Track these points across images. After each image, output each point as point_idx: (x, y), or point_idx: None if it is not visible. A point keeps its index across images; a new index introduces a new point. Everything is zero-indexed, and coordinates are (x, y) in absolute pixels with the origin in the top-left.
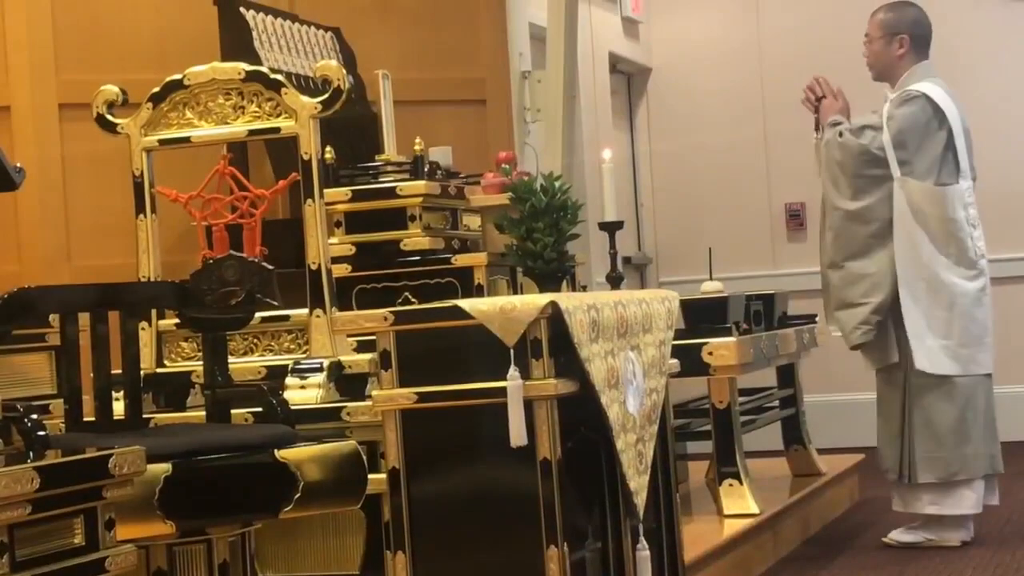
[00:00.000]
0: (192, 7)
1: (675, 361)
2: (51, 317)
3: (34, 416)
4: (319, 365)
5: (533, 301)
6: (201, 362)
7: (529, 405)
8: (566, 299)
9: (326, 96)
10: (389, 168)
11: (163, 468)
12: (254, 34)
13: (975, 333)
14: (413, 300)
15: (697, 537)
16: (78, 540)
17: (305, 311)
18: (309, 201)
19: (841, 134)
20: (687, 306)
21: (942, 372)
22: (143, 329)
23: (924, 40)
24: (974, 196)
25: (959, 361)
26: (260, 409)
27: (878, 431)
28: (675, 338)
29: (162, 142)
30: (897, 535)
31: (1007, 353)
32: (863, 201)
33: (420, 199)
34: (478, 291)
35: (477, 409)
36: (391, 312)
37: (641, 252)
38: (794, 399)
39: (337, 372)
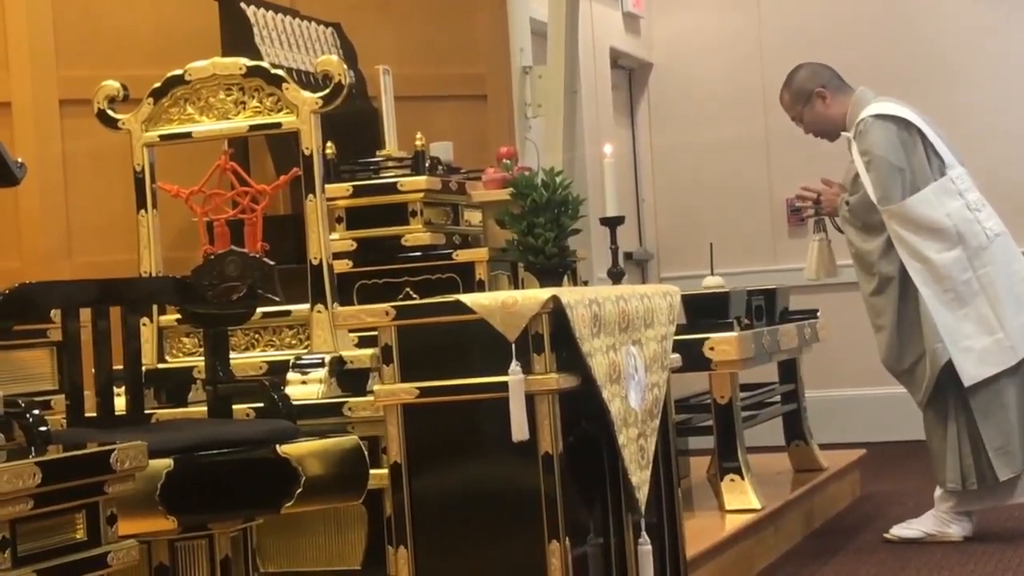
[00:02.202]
0: (193, 2)
1: (676, 356)
2: (52, 313)
3: (36, 412)
4: (320, 360)
5: (535, 296)
6: (202, 357)
7: (531, 400)
8: (568, 294)
9: (327, 91)
10: (390, 164)
11: (165, 463)
12: (255, 29)
13: (1016, 309)
14: (414, 296)
15: (699, 532)
16: (80, 535)
17: (306, 306)
18: (310, 196)
19: (848, 203)
20: (688, 301)
21: (994, 371)
22: (144, 325)
23: (835, 78)
24: (969, 180)
25: (1008, 353)
26: (261, 404)
27: (930, 445)
28: (676, 333)
29: (163, 137)
30: (898, 530)
31: None
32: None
33: (421, 195)
34: (479, 286)
35: (479, 404)
36: (392, 307)
37: (642, 247)
38: (796, 394)
39: (338, 367)
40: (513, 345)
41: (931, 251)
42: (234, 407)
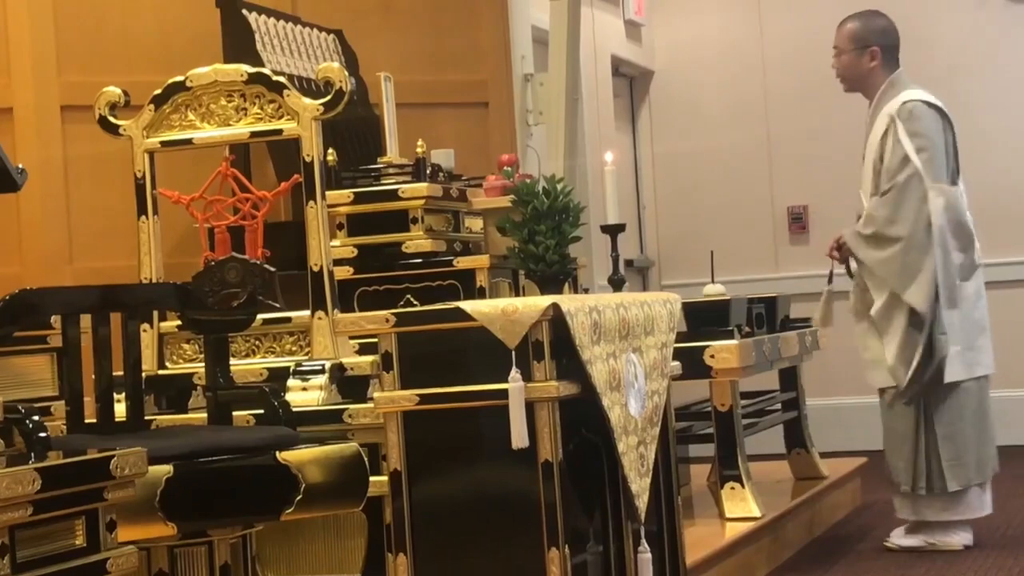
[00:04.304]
0: (194, 9)
1: (677, 364)
2: (53, 319)
3: (35, 418)
4: (321, 367)
5: (535, 303)
6: (203, 364)
7: (530, 407)
8: (568, 301)
9: (328, 98)
10: (391, 170)
11: (164, 470)
12: (256, 36)
13: (976, 333)
14: (415, 302)
15: (699, 540)
16: (79, 541)
17: (307, 313)
18: (311, 203)
19: (858, 218)
20: (689, 309)
21: (955, 379)
22: (145, 331)
23: (894, 50)
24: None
25: (968, 365)
26: (262, 411)
27: (887, 445)
28: (677, 341)
29: (164, 144)
30: (899, 539)
31: (1004, 357)
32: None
33: (422, 201)
34: (480, 293)
35: (479, 411)
36: (393, 314)
37: (643, 255)
38: (796, 402)
39: (339, 374)
40: (513, 352)
41: (951, 247)
42: (234, 414)
